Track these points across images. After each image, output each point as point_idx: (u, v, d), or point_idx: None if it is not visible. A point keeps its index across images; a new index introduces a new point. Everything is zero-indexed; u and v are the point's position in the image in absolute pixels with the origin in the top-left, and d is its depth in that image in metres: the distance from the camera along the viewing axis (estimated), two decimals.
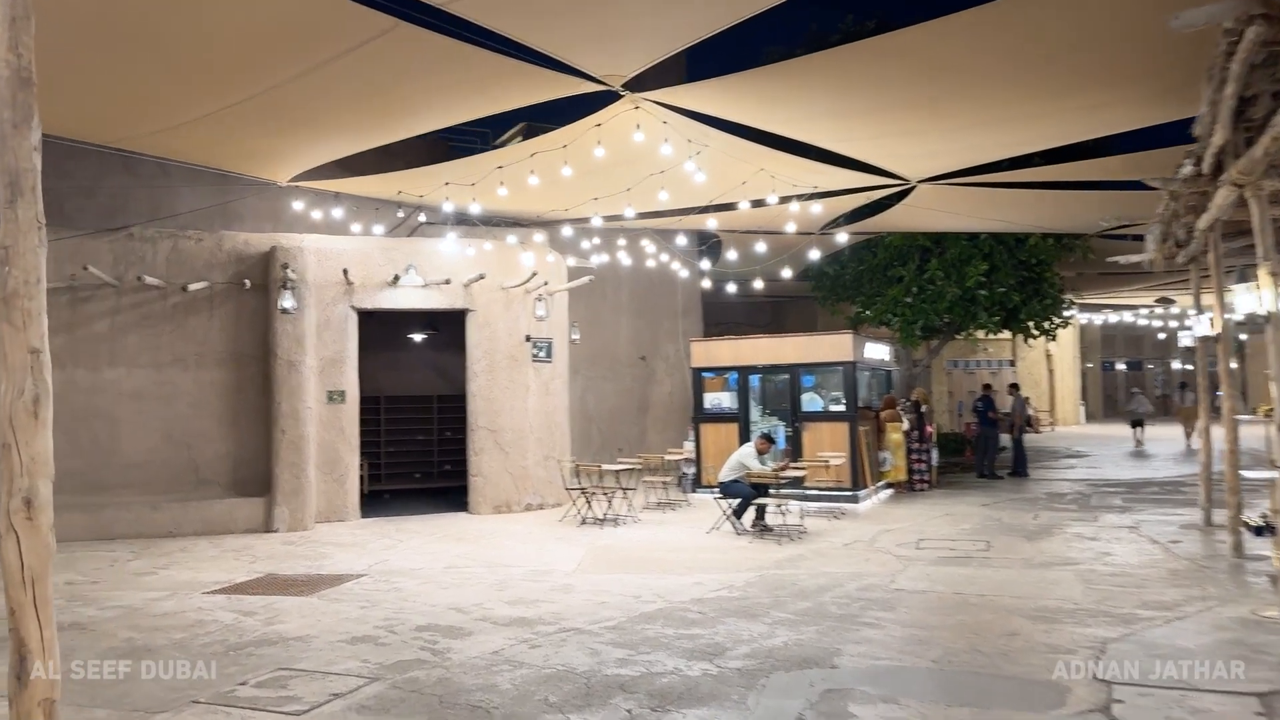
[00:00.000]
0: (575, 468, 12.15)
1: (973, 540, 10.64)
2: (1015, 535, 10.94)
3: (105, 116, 8.99)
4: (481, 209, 11.39)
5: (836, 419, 14.57)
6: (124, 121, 9.10)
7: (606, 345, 19.10)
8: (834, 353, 14.62)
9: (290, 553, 10.25)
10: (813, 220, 15.12)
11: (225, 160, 11.03)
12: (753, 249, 17.77)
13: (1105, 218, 13.74)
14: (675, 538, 11.10)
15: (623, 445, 18.97)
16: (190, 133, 9.28)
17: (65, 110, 8.80)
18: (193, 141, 9.78)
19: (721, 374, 15.64)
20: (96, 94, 8.39)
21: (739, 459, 11.49)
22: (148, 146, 9.89)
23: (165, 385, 11.78)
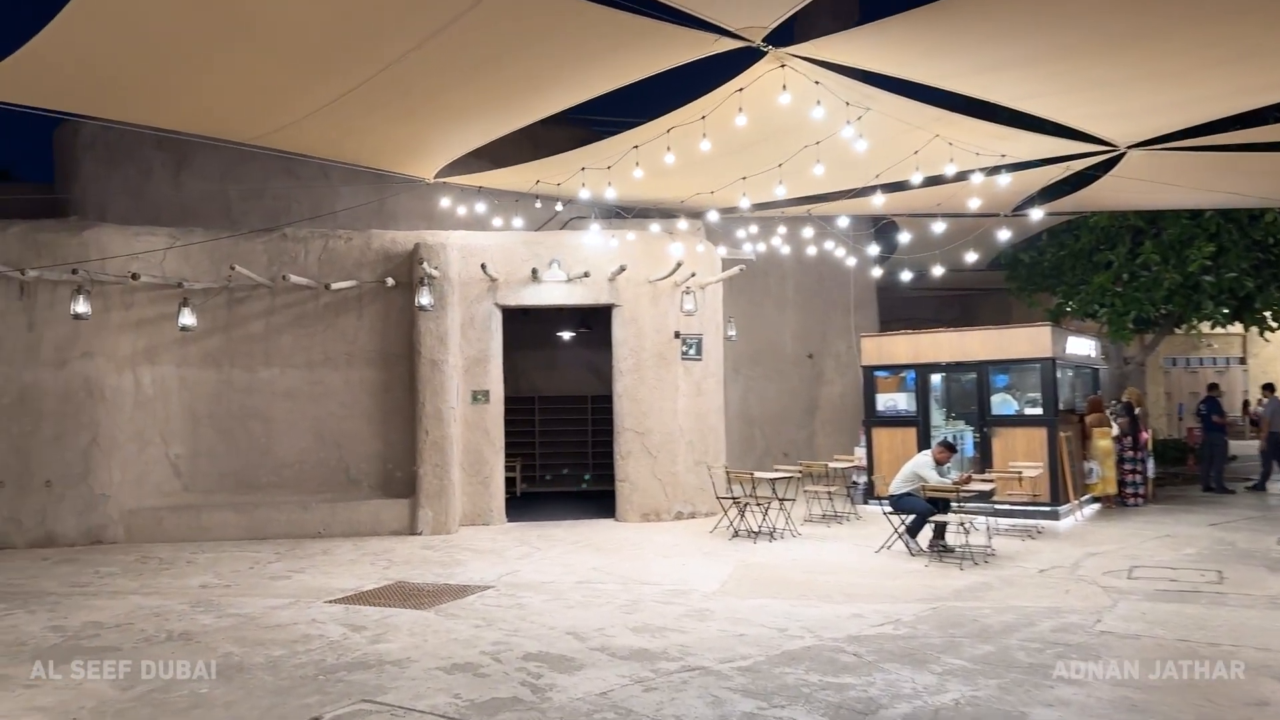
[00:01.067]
0: (727, 475, 11.16)
1: (1199, 569, 8.82)
2: (1255, 565, 9.02)
3: (234, 113, 8.85)
4: (617, 195, 10.62)
5: (1032, 424, 12.80)
6: (251, 118, 8.93)
7: (770, 342, 17.95)
8: (1029, 348, 12.86)
9: (426, 558, 9.85)
10: (1001, 198, 13.40)
11: (369, 155, 10.81)
12: (930, 234, 16.17)
13: None
14: (837, 557, 9.89)
15: (788, 450, 17.76)
16: (321, 126, 9.02)
17: (197, 108, 8.73)
18: (328, 135, 9.55)
19: (897, 373, 14.17)
20: (221, 91, 8.22)
21: (914, 469, 10.12)
22: (281, 142, 9.74)
23: (317, 385, 11.76)
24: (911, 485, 10.03)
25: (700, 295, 12.74)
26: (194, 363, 11.53)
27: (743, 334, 17.60)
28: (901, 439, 13.75)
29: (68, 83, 7.76)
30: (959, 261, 21.59)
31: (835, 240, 15.57)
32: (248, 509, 11.09)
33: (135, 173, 13.84)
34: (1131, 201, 14.62)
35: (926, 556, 9.67)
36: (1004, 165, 11.30)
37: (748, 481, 10.96)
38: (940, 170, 10.76)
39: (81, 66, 7.49)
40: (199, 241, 11.43)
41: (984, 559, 9.57)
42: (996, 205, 14.99)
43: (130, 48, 7.20)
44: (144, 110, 8.91)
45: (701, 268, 12.72)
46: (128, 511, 10.90)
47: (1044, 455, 12.55)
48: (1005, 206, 14.93)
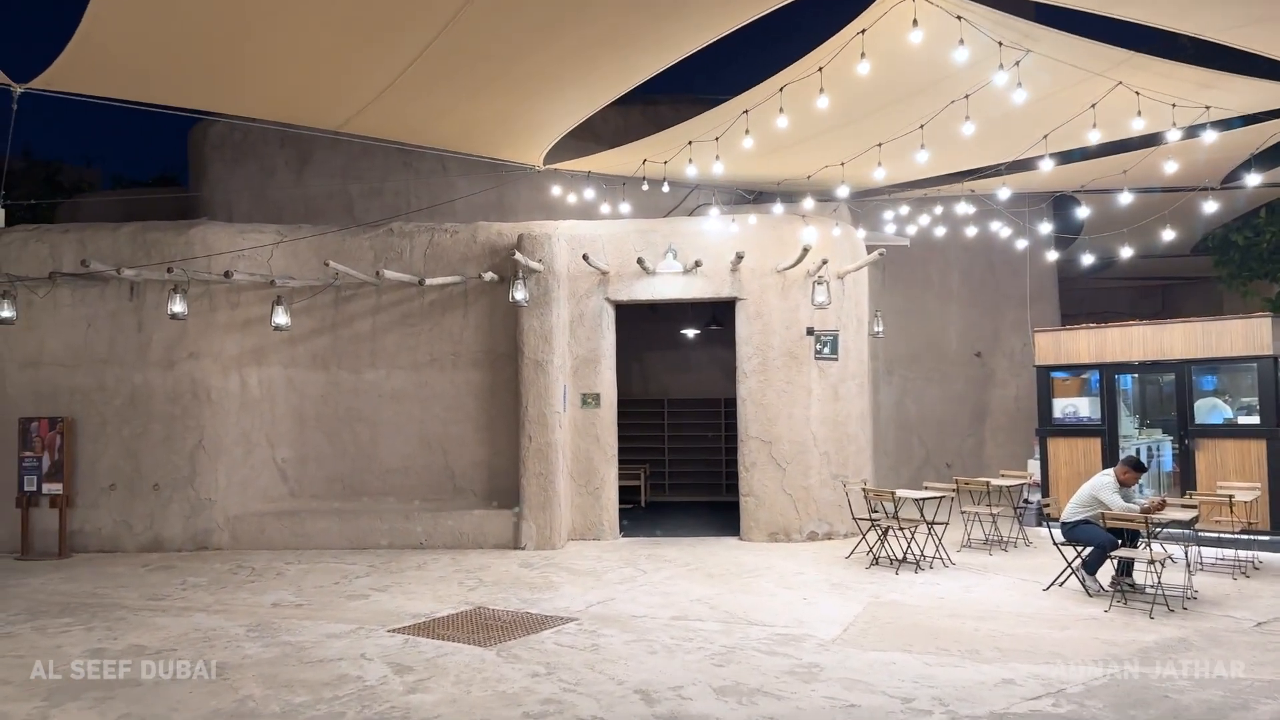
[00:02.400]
0: (865, 493, 9.66)
1: None
2: None
3: (305, 96, 8.26)
4: (727, 170, 9.39)
5: (1247, 435, 10.56)
6: (326, 100, 8.31)
7: (931, 340, 16.11)
8: (1244, 343, 10.62)
9: (519, 578, 8.96)
10: (1206, 165, 11.18)
11: (464, 138, 10.10)
12: (1115, 210, 13.97)
13: None
14: (993, 596, 8.25)
15: (951, 461, 15.89)
16: (402, 105, 8.29)
17: (269, 94, 8.21)
18: (415, 117, 8.83)
19: (1079, 374, 12.16)
20: (287, 72, 7.62)
21: (1092, 492, 8.33)
22: (365, 127, 9.09)
23: (422, 387, 11.17)
24: (1089, 511, 8.25)
25: (838, 286, 11.27)
26: (301, 364, 11.19)
27: (898, 331, 15.87)
28: (1083, 452, 11.75)
29: (123, 71, 7.37)
30: (1154, 244, 18.82)
31: (1003, 221, 13.63)
32: (350, 517, 10.61)
33: (259, 171, 13.82)
34: None
35: (1107, 598, 7.88)
36: (1209, 122, 9.25)
37: (890, 500, 9.44)
38: (1124, 130, 8.87)
39: (134, 53, 7.06)
40: (304, 237, 11.07)
41: (1182, 603, 7.69)
42: (1199, 174, 12.64)
43: (174, 26, 6.67)
44: (216, 97, 8.48)
45: (838, 254, 11.25)
46: (233, 517, 10.66)
47: (1262, 473, 10.30)
48: (1212, 176, 12.56)
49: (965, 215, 12.61)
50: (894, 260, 15.78)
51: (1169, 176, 10.47)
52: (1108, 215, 15.61)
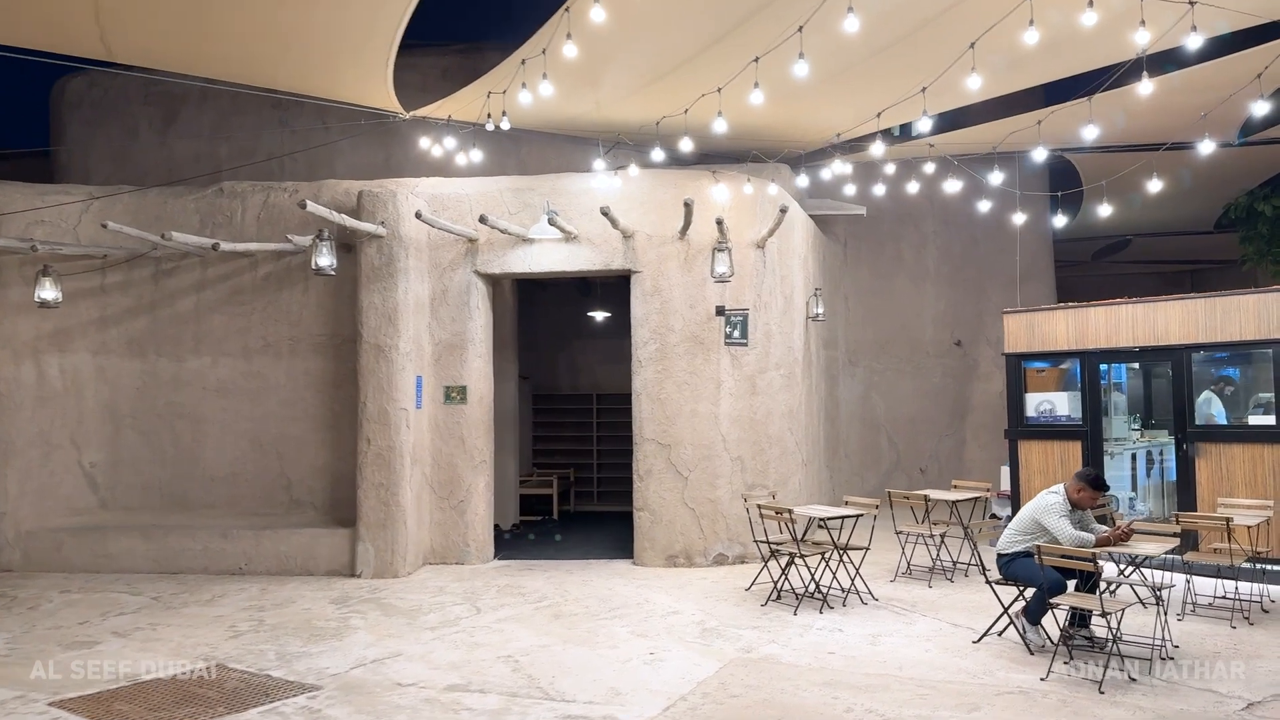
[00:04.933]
0: (761, 511, 7.67)
1: None
2: None
3: None
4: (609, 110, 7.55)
5: (1260, 439, 8.46)
6: None
7: (904, 326, 14.05)
8: (1256, 325, 8.52)
9: (312, 621, 7.12)
10: (1219, 102, 9.03)
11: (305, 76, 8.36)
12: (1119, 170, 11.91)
13: None
14: (905, 651, 6.27)
15: (926, 465, 13.85)
16: None
17: None
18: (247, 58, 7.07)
19: (1058, 363, 10.10)
20: None
21: (1034, 515, 6.31)
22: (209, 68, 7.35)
23: (254, 378, 9.38)
24: (1031, 540, 6.23)
25: (757, 257, 9.28)
26: (114, 350, 9.45)
27: (864, 315, 13.85)
28: (1060, 457, 9.68)
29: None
30: (1175, 219, 16.64)
31: (986, 184, 11.55)
32: (159, 535, 8.83)
33: (121, 132, 12.12)
34: None
35: (1053, 654, 5.87)
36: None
37: (786, 521, 7.45)
38: (1126, 48, 6.81)
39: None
40: (115, 194, 9.31)
41: (1152, 668, 5.68)
42: (1214, 120, 10.50)
43: None
44: None
45: (752, 217, 9.25)
46: (25, 533, 8.94)
47: (1278, 487, 8.20)
48: (1227, 124, 10.40)
49: (938, 178, 10.60)
50: (858, 234, 13.76)
51: (1174, 117, 8.37)
52: (1109, 175, 13.46)
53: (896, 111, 7.47)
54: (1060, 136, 11.09)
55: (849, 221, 13.37)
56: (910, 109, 7.48)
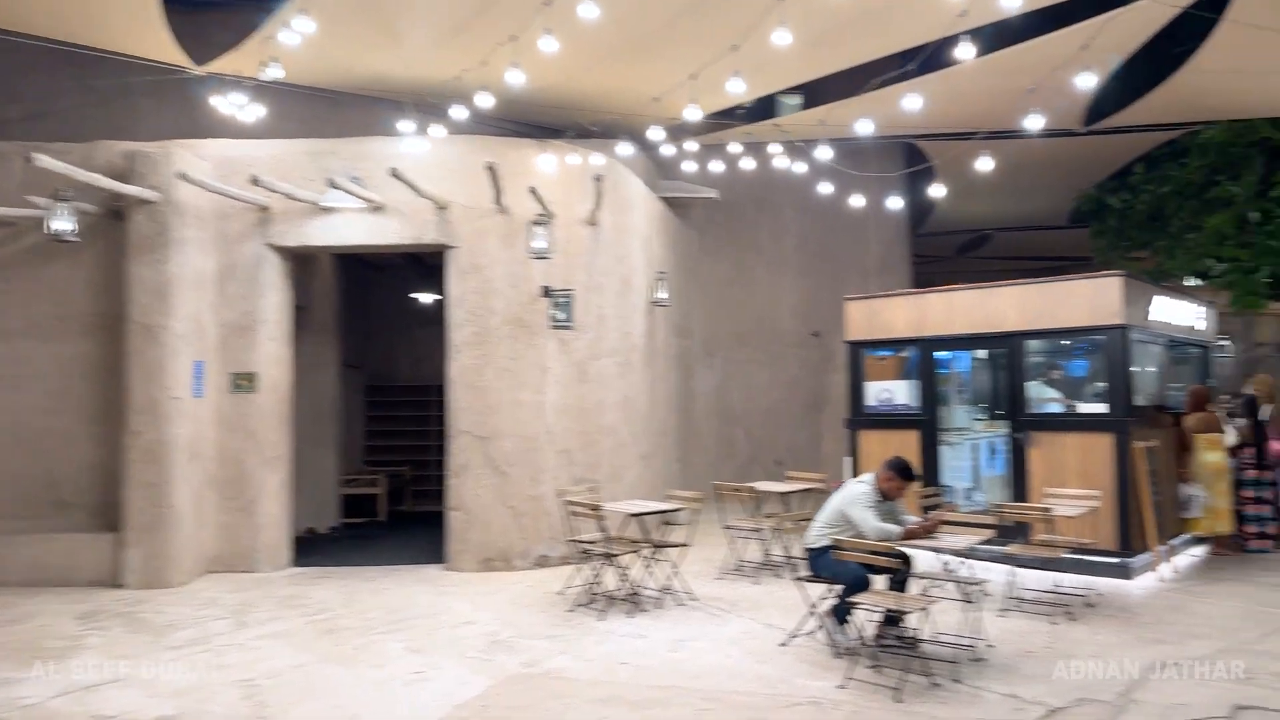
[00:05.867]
0: (570, 507, 7.04)
1: None
2: None
3: None
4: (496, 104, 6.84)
5: (1091, 427, 8.29)
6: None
7: (761, 316, 13.69)
8: (1089, 311, 8.34)
9: (39, 642, 6.13)
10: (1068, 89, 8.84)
11: None
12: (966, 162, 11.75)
13: None
14: (706, 657, 5.74)
15: (783, 457, 13.46)
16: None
17: None
18: None
19: (899, 350, 9.81)
20: None
21: (841, 507, 5.86)
22: None
23: (16, 364, 8.25)
24: (836, 533, 5.78)
25: (589, 234, 8.65)
26: None
27: (720, 304, 13.42)
28: (898, 447, 9.31)
29: None
30: (1030, 213, 16.81)
31: (839, 171, 11.22)
32: None
33: None
34: (1265, 95, 9.75)
35: (859, 657, 5.42)
36: None
37: (592, 517, 6.85)
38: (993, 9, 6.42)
39: None
40: None
41: (958, 671, 5.28)
42: (1057, 109, 10.40)
43: None
44: None
45: (588, 192, 8.62)
46: None
47: (1108, 477, 8.03)
48: (1069, 112, 10.32)
49: (795, 164, 10.21)
50: (716, 220, 13.32)
51: (1034, 128, 8.09)
52: (959, 170, 13.37)
53: (712, 75, 6.93)
54: (911, 124, 10.85)
55: (706, 207, 12.92)
56: (726, 76, 6.95)
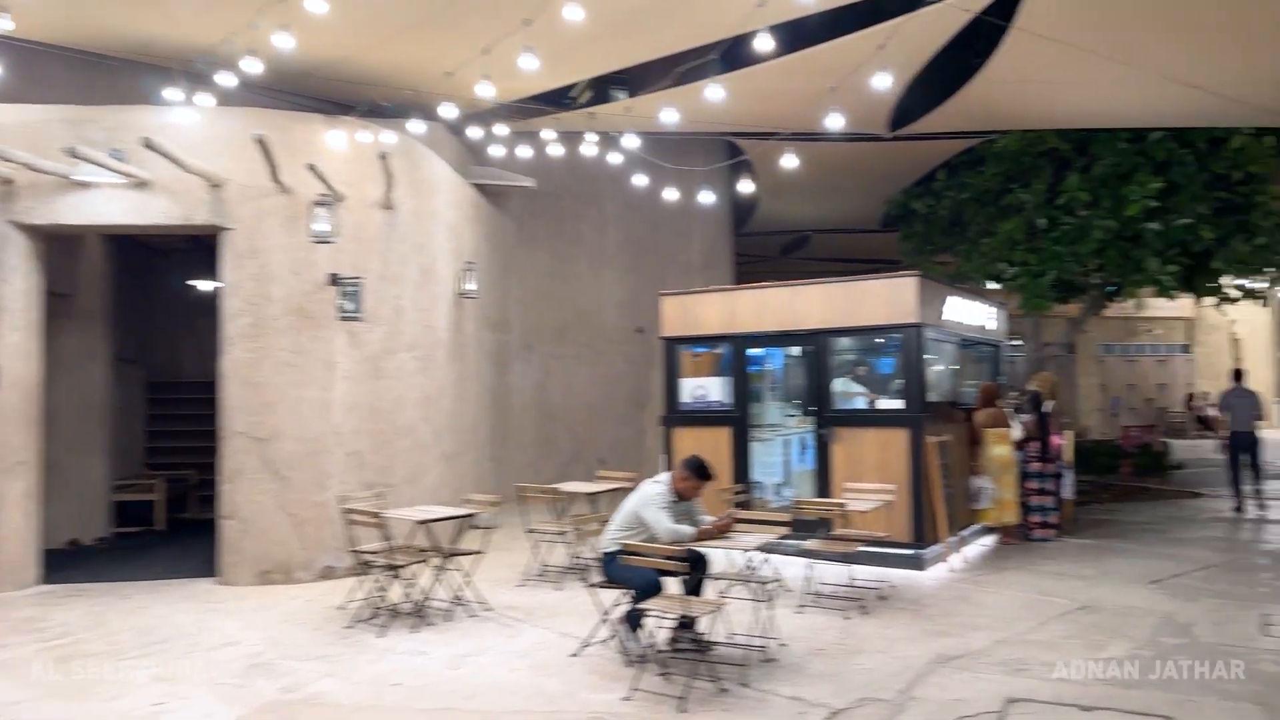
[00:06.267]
0: (348, 515, 6.52)
1: (1135, 696, 4.54)
2: (1228, 684, 4.78)
3: None
4: None
5: (888, 423, 8.46)
6: None
7: (584, 311, 13.44)
8: (886, 310, 8.51)
9: None
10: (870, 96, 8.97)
11: None
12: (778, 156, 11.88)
13: None
14: (490, 672, 5.38)
15: (606, 456, 13.26)
16: None
17: None
18: None
19: (714, 347, 9.75)
20: None
21: (635, 508, 5.63)
22: None
23: None
24: (631, 535, 5.55)
25: (384, 219, 8.09)
26: None
27: (541, 298, 13.06)
28: (712, 444, 9.30)
29: None
30: (845, 216, 17.35)
31: (657, 165, 11.09)
32: None
33: None
34: (1053, 106, 10.32)
35: (648, 667, 5.20)
36: None
37: (373, 524, 6.36)
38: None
39: None
40: None
41: (745, 674, 5.14)
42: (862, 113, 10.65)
43: None
44: None
45: (384, 174, 8.05)
46: None
47: (904, 471, 8.21)
48: (874, 117, 10.58)
49: (616, 156, 9.95)
50: (536, 211, 12.94)
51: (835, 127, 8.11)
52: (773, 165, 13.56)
53: (507, 53, 6.56)
54: (724, 120, 10.84)
55: (526, 197, 12.55)
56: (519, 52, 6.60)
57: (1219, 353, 26.50)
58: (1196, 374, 26.11)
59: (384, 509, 6.77)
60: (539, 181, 12.58)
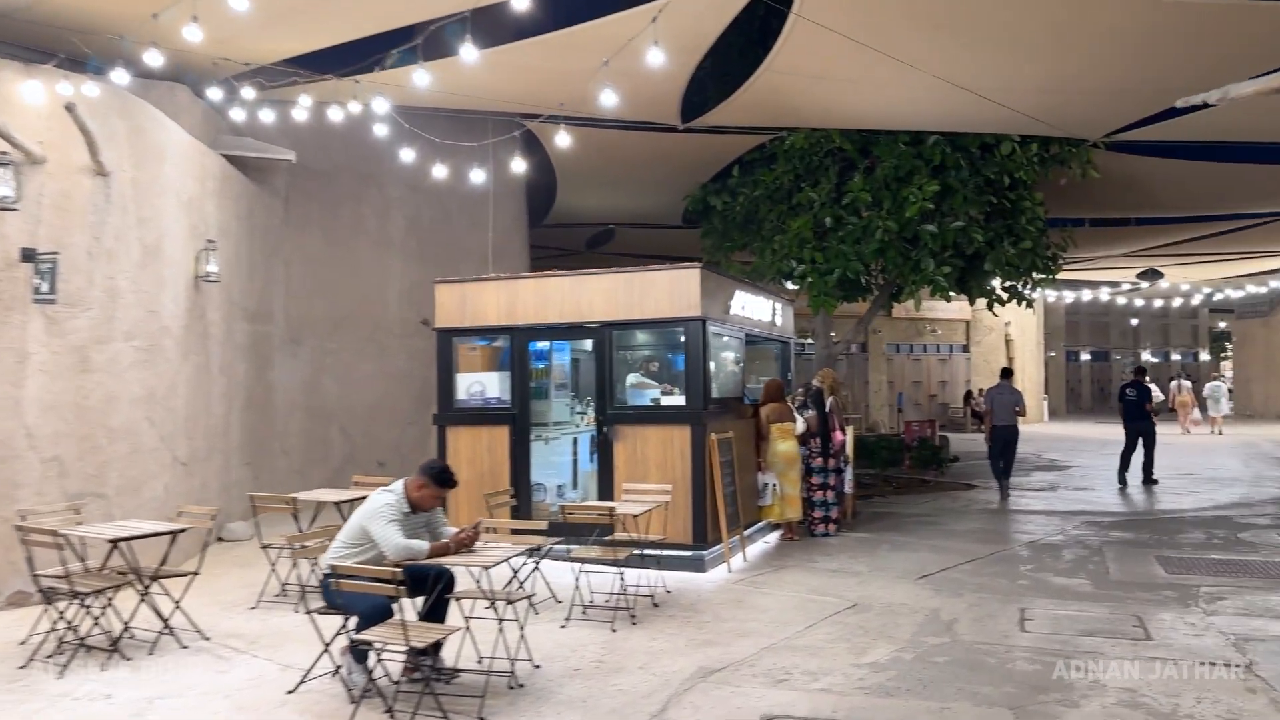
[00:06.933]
0: (21, 533, 5.45)
1: (893, 707, 4.32)
2: (984, 686, 4.67)
3: None
4: None
5: (670, 420, 8.14)
6: None
7: (363, 301, 12.42)
8: (669, 303, 8.16)
9: None
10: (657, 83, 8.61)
11: None
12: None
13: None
14: (188, 712, 4.53)
15: (387, 458, 12.33)
16: None
17: None
18: None
19: (493, 340, 9.12)
20: None
21: (363, 521, 4.92)
22: None
23: None
24: (360, 553, 4.84)
25: (95, 186, 6.91)
26: None
27: (312, 286, 11.94)
28: (488, 445, 8.70)
29: None
30: (646, 210, 17.14)
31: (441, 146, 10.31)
32: None
33: None
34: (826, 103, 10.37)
35: (376, 703, 4.50)
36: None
37: (52, 542, 5.32)
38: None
39: None
40: None
41: (495, 699, 4.56)
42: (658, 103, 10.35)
43: None
44: None
45: (98, 136, 6.87)
46: None
47: (685, 469, 7.90)
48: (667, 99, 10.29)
49: (399, 134, 9.08)
50: (308, 190, 11.81)
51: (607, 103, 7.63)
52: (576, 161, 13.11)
53: None
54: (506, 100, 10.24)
55: (298, 174, 11.44)
56: None
57: (995, 352, 28.48)
58: (973, 372, 27.93)
59: (79, 524, 5.71)
60: (313, 158, 11.51)
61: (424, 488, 4.92)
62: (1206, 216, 17.35)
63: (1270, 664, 5.14)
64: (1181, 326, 40.99)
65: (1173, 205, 16.08)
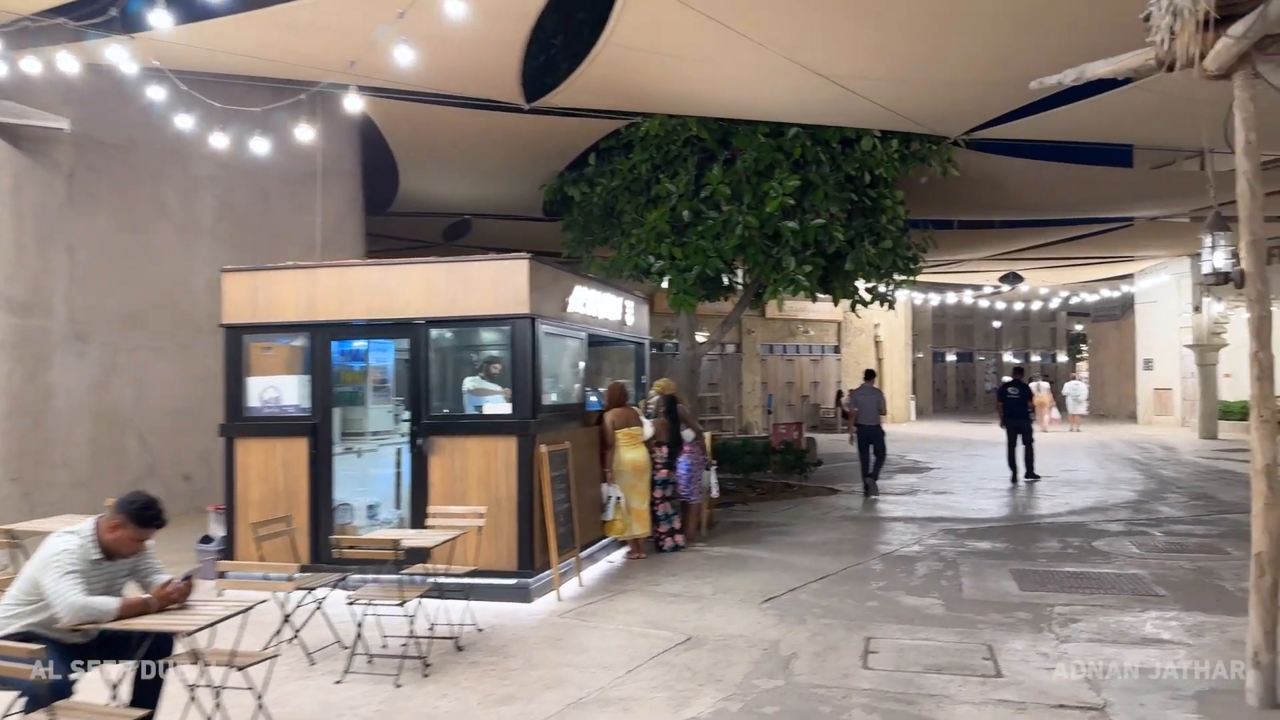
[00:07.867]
0: None
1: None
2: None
3: None
4: None
5: (494, 430, 7.22)
6: None
7: (165, 293, 11.03)
8: (496, 297, 7.24)
9: None
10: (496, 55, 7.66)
11: None
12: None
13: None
14: None
15: (193, 471, 10.97)
16: None
17: None
18: None
19: (292, 338, 7.99)
20: None
21: (35, 573, 3.80)
22: None
23: None
24: (31, 614, 3.74)
25: None
26: None
27: (103, 276, 10.49)
28: (283, 460, 7.56)
29: None
30: (504, 201, 16.09)
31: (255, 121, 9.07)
32: None
33: None
34: (677, 85, 9.63)
35: None
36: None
37: None
38: None
39: None
40: None
41: None
42: (493, 77, 9.41)
43: None
44: None
45: None
46: None
47: (510, 485, 7.00)
48: (503, 73, 9.35)
49: (211, 106, 7.81)
50: (97, 166, 10.32)
51: None
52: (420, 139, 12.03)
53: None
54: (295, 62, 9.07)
55: (86, 149, 10.00)
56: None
57: (865, 353, 28.64)
58: (844, 373, 27.99)
59: None
60: (103, 129, 10.09)
61: (119, 528, 3.85)
62: (1064, 220, 17.59)
63: (1125, 705, 4.61)
64: (1041, 329, 42.64)
65: (1032, 207, 16.16)
